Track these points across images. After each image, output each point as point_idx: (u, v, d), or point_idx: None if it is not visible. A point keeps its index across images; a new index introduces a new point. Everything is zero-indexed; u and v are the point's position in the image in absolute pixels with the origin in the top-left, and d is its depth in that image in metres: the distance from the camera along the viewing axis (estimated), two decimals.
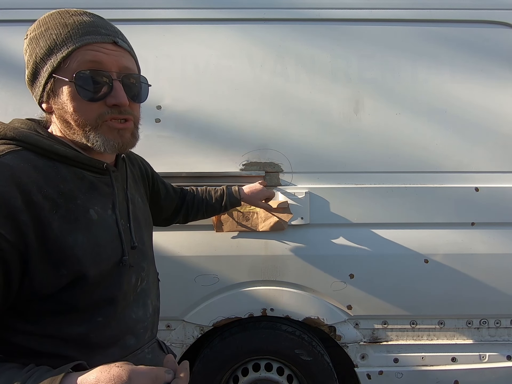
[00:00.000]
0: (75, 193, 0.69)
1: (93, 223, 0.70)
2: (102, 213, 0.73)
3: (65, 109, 0.69)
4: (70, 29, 0.68)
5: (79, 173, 0.72)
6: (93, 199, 0.72)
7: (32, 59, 0.69)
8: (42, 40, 0.68)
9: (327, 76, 1.58)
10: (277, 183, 1.59)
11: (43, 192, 0.63)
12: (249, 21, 1.57)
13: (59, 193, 0.66)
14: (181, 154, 1.56)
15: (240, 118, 1.57)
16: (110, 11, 1.54)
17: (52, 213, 0.64)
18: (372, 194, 1.58)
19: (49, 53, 0.67)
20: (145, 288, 0.84)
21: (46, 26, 0.69)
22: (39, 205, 0.62)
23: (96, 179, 0.75)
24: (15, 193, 0.59)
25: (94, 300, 0.70)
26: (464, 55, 1.58)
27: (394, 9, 1.57)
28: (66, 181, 0.68)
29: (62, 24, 0.68)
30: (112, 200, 0.77)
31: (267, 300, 1.59)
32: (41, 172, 0.65)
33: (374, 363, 1.65)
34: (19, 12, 1.53)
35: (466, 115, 1.58)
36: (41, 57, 0.68)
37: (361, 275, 1.58)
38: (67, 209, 0.67)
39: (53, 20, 0.69)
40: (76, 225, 0.67)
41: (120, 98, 0.70)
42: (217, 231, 1.57)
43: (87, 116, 0.69)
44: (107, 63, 0.69)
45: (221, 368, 1.62)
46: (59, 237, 0.64)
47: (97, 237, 0.70)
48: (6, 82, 1.53)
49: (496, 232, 1.58)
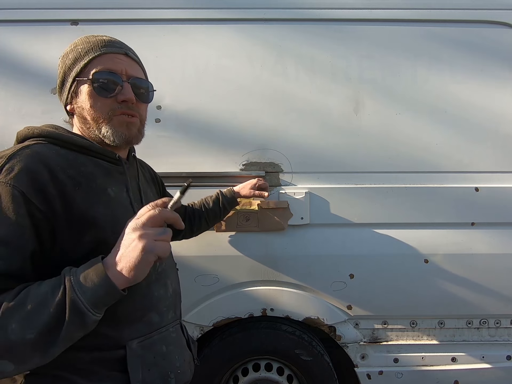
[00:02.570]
0: (94, 175, 0.81)
1: (111, 199, 0.81)
2: (118, 193, 0.85)
3: (83, 106, 0.83)
4: (92, 44, 0.85)
5: (96, 161, 0.84)
6: (109, 181, 0.84)
7: (62, 70, 0.85)
8: (71, 54, 0.85)
9: (327, 76, 1.58)
10: (277, 183, 1.59)
11: (66, 173, 0.75)
12: (249, 21, 1.57)
13: (80, 174, 0.78)
14: (181, 154, 1.56)
15: (240, 118, 1.57)
16: (110, 11, 1.54)
17: (75, 189, 0.75)
18: (372, 194, 1.58)
19: (74, 62, 0.84)
20: (165, 269, 0.93)
21: (75, 44, 0.86)
22: (63, 182, 0.74)
23: (110, 167, 0.86)
24: (43, 170, 0.72)
25: None
26: (464, 55, 1.58)
27: (394, 9, 1.57)
28: (85, 165, 0.80)
29: (86, 41, 0.85)
30: (126, 184, 0.88)
31: (267, 300, 1.59)
32: (64, 157, 0.78)
33: (374, 363, 1.65)
34: (19, 12, 1.53)
35: (466, 115, 1.58)
36: (68, 66, 0.84)
37: (361, 275, 1.58)
38: (88, 186, 0.78)
39: (80, 40, 0.86)
40: (96, 200, 0.78)
41: (128, 95, 0.83)
42: (217, 231, 1.57)
43: (101, 110, 0.82)
44: (119, 68, 0.84)
45: (221, 368, 1.62)
46: (82, 209, 0.74)
47: (115, 210, 0.81)
48: (6, 82, 1.53)
49: (496, 232, 1.58)
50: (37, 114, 1.52)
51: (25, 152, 0.73)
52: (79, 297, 0.62)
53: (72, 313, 0.62)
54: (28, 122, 1.43)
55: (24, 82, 1.52)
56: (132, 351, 0.78)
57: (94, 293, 0.63)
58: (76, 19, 1.54)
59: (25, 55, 1.52)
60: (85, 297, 0.63)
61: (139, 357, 0.79)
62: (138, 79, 0.87)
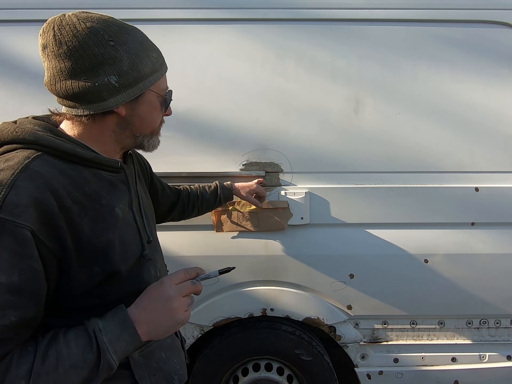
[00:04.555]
0: (99, 194, 0.73)
1: (119, 221, 0.75)
2: (124, 210, 0.78)
3: (142, 116, 0.78)
4: (161, 56, 0.82)
5: (98, 173, 0.75)
6: (115, 197, 0.77)
7: (135, 72, 0.73)
8: (145, 59, 0.75)
9: (327, 76, 1.58)
10: (277, 183, 1.59)
11: (71, 197, 0.67)
12: (249, 21, 1.56)
13: (85, 195, 0.70)
14: (181, 154, 1.56)
15: (240, 118, 1.57)
16: (111, 11, 1.53)
17: (82, 216, 0.68)
18: (372, 194, 1.58)
19: (151, 73, 0.76)
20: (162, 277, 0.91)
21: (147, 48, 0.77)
22: (70, 209, 0.66)
23: (113, 178, 0.79)
24: (51, 200, 0.63)
25: (122, 294, 0.74)
26: (464, 55, 1.58)
27: (394, 9, 1.57)
28: (89, 182, 0.72)
29: (155, 49, 0.80)
30: (129, 197, 0.82)
31: (267, 300, 1.59)
32: (67, 176, 0.68)
33: (374, 363, 1.65)
34: (19, 12, 1.53)
35: (466, 115, 1.58)
36: (144, 73, 0.75)
37: (361, 275, 1.58)
38: (94, 210, 0.71)
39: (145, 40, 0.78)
40: (105, 225, 0.72)
41: (170, 110, 0.87)
42: (217, 231, 1.57)
43: (157, 123, 0.84)
44: None
45: (221, 368, 1.62)
46: (91, 238, 0.68)
47: (123, 234, 0.76)
48: (6, 82, 1.53)
49: (496, 232, 1.58)
50: (37, 114, 1.50)
51: (28, 176, 0.63)
52: (112, 357, 0.64)
53: (104, 371, 0.64)
54: None
55: (24, 82, 1.52)
56: (135, 362, 0.79)
57: (124, 351, 0.67)
58: None
59: (25, 55, 1.52)
60: (116, 356, 0.65)
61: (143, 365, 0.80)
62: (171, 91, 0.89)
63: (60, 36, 0.68)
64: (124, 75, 0.71)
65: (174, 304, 0.69)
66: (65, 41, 0.68)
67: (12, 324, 0.59)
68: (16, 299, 0.59)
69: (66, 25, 0.68)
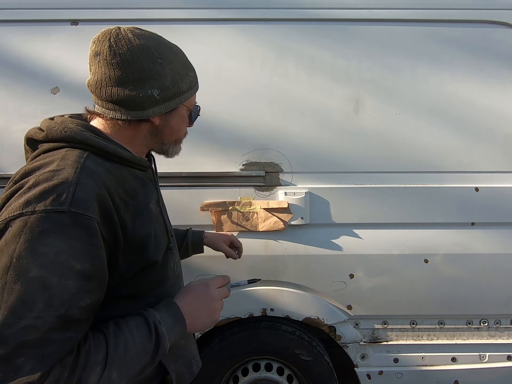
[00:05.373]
0: (136, 190, 0.80)
1: (153, 216, 0.83)
2: (154, 206, 0.86)
3: (172, 126, 0.85)
4: (195, 74, 0.87)
5: (132, 172, 0.82)
6: (148, 194, 0.84)
7: (175, 88, 0.80)
8: (185, 77, 0.83)
9: (327, 76, 1.58)
10: (277, 183, 1.59)
11: (117, 193, 0.74)
12: (249, 21, 1.56)
13: (126, 192, 0.77)
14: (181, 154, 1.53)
15: (240, 118, 1.57)
16: (110, 11, 1.54)
17: (125, 211, 0.74)
18: (372, 194, 1.58)
19: (188, 89, 0.84)
20: (179, 273, 1.00)
21: (185, 65, 0.84)
22: (118, 205, 0.73)
23: (143, 176, 0.85)
24: (106, 195, 0.70)
25: (151, 285, 0.82)
26: (464, 55, 1.58)
27: (394, 9, 1.57)
28: (127, 180, 0.79)
29: (192, 68, 0.86)
30: (156, 194, 0.89)
31: (267, 300, 1.59)
32: (112, 175, 0.75)
33: (374, 363, 1.65)
34: (19, 12, 1.53)
35: (466, 115, 1.58)
36: (183, 90, 0.82)
37: (361, 275, 1.58)
38: (134, 206, 0.78)
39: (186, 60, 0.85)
40: (143, 219, 0.79)
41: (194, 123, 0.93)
42: (217, 231, 1.57)
43: (183, 133, 0.92)
44: None
45: (221, 368, 1.62)
46: (133, 232, 0.75)
47: (156, 228, 0.83)
48: (6, 82, 1.53)
49: (496, 232, 1.58)
50: (37, 114, 1.51)
51: (87, 174, 0.69)
52: (167, 345, 0.74)
53: (160, 357, 0.74)
54: (28, 122, 1.44)
55: (24, 82, 1.52)
56: None
57: (174, 340, 0.77)
58: (76, 19, 1.54)
59: (25, 55, 1.52)
60: (170, 344, 0.75)
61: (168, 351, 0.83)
62: None
63: (115, 48, 0.74)
64: (165, 90, 0.79)
65: (216, 305, 0.82)
66: (119, 53, 0.74)
67: (87, 306, 0.66)
68: (89, 284, 0.66)
69: (122, 38, 0.75)
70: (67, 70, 1.52)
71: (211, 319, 0.82)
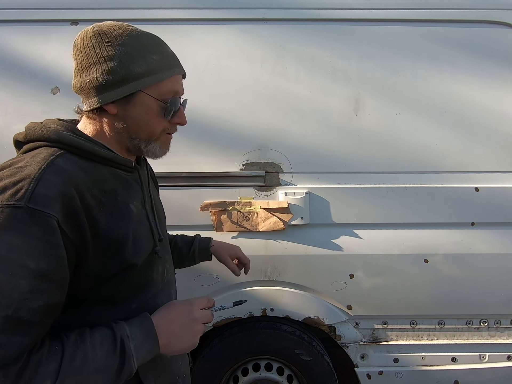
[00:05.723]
0: (115, 191, 0.76)
1: (133, 217, 0.78)
2: (138, 207, 0.82)
3: (137, 118, 0.77)
4: (166, 59, 0.78)
5: (114, 172, 0.79)
6: (130, 195, 0.80)
7: (124, 72, 0.74)
8: (140, 59, 0.74)
9: (327, 76, 1.58)
10: (277, 183, 1.59)
11: (91, 192, 0.70)
12: (249, 21, 1.57)
13: (103, 192, 0.73)
14: (181, 154, 1.56)
15: (240, 118, 1.57)
16: (110, 11, 1.54)
17: (99, 211, 0.71)
18: (372, 194, 1.58)
19: (146, 73, 0.75)
20: (170, 279, 0.93)
21: (145, 48, 0.75)
22: (89, 204, 0.69)
23: (127, 177, 0.82)
24: (74, 194, 0.67)
25: (131, 289, 0.77)
26: (464, 55, 1.58)
27: (394, 9, 1.57)
28: (107, 180, 0.75)
29: (159, 52, 0.77)
30: (142, 196, 0.85)
31: (267, 300, 1.59)
32: (87, 173, 0.72)
33: (374, 363, 1.65)
34: (19, 12, 1.53)
35: (466, 115, 1.58)
36: (136, 74, 0.74)
37: (361, 275, 1.58)
38: (111, 206, 0.74)
39: (151, 44, 0.77)
40: (120, 219, 0.75)
41: (183, 118, 0.84)
42: (217, 231, 1.57)
43: (155, 128, 0.80)
44: (180, 91, 0.83)
45: (221, 368, 1.62)
46: (107, 231, 0.71)
47: (137, 230, 0.78)
48: (6, 82, 1.53)
49: (496, 232, 1.58)
50: (37, 114, 1.51)
51: (54, 171, 0.66)
52: (134, 364, 0.68)
53: (125, 376, 0.68)
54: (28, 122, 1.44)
55: (24, 82, 1.52)
56: None
57: (144, 359, 0.70)
58: (76, 19, 1.54)
59: (25, 55, 1.52)
60: (137, 362, 0.68)
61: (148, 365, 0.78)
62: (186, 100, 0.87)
63: (75, 39, 0.76)
64: (112, 73, 0.73)
65: (197, 327, 0.76)
66: (75, 43, 0.75)
67: (40, 308, 0.61)
68: (43, 284, 0.62)
69: (83, 30, 0.75)
70: (67, 70, 1.52)
71: (189, 343, 0.75)
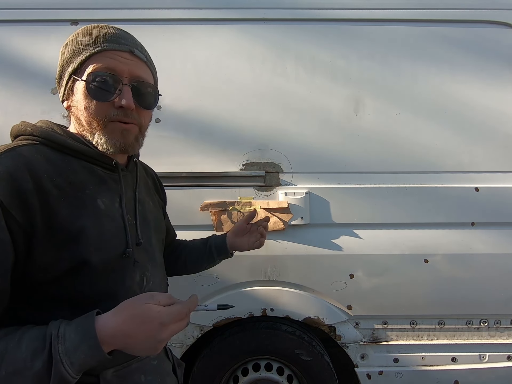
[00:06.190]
0: (84, 184, 0.73)
1: (100, 212, 0.74)
2: (109, 205, 0.77)
3: (78, 107, 0.75)
4: (93, 37, 0.74)
5: (90, 167, 0.76)
6: (101, 192, 0.76)
7: (60, 62, 0.77)
8: (70, 46, 0.76)
9: (327, 76, 1.58)
10: (277, 183, 1.59)
11: (52, 181, 0.68)
12: (249, 21, 1.57)
13: (68, 182, 0.71)
14: (181, 154, 1.56)
15: (240, 118, 1.57)
16: (110, 11, 1.54)
17: (60, 200, 0.68)
18: (372, 194, 1.58)
19: (73, 56, 0.75)
20: (152, 289, 0.82)
21: (77, 35, 0.77)
22: (48, 191, 0.67)
23: (105, 175, 0.79)
24: (26, 177, 0.65)
25: (96, 292, 0.71)
26: (464, 55, 1.58)
27: (394, 9, 1.57)
28: (76, 173, 0.73)
29: (88, 33, 0.75)
30: (120, 195, 0.80)
31: (267, 300, 1.59)
32: (52, 164, 0.70)
33: (374, 363, 1.65)
34: (19, 12, 1.53)
35: (466, 115, 1.58)
36: (66, 60, 0.76)
37: (361, 275, 1.58)
38: (75, 197, 0.71)
39: (83, 30, 0.77)
40: (83, 212, 0.71)
41: (127, 100, 0.74)
42: (217, 231, 1.57)
43: (96, 114, 0.74)
44: (120, 69, 0.74)
45: (221, 368, 1.62)
46: (65, 222, 0.67)
47: (103, 226, 0.73)
48: (6, 82, 1.53)
49: (496, 232, 1.58)
50: (37, 114, 1.51)
51: (10, 155, 0.66)
52: (67, 369, 0.55)
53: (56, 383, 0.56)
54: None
55: (23, 82, 1.52)
56: (106, 382, 0.71)
57: (84, 364, 0.57)
58: (76, 19, 1.54)
59: (25, 55, 1.52)
60: (73, 368, 0.56)
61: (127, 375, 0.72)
62: (142, 82, 0.77)
63: None
64: (58, 70, 0.78)
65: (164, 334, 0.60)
66: None
67: None
68: None
69: None
70: None
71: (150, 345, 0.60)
